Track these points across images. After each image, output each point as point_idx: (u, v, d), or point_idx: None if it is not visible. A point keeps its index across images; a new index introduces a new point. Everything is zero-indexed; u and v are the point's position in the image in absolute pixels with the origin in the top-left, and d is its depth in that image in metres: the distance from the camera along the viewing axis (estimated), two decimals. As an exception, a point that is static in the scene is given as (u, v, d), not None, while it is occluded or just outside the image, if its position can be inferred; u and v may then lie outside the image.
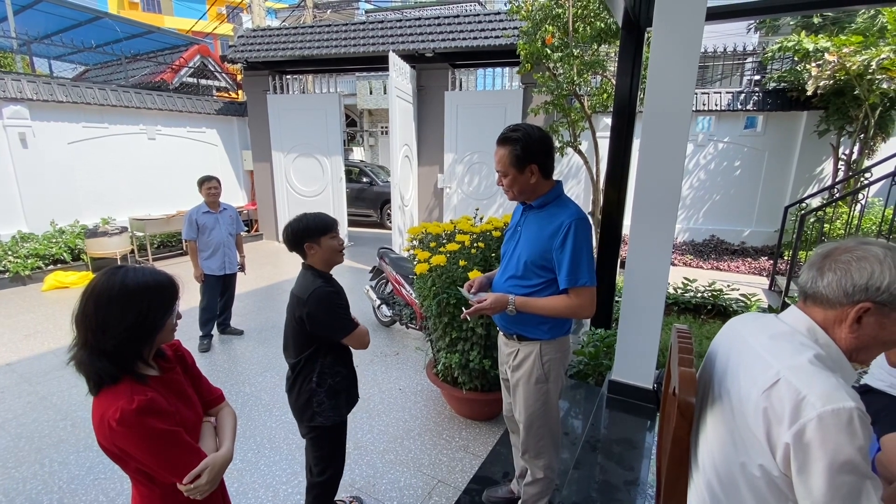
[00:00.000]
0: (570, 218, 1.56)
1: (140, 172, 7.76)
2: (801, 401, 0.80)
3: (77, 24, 8.22)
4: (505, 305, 1.62)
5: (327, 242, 1.76)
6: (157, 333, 1.08)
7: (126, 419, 0.96)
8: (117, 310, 1.01)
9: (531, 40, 5.07)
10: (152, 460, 1.02)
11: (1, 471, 2.51)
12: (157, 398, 1.03)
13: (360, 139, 18.59)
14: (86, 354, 1.01)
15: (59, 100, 6.58)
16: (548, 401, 1.74)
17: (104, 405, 1.00)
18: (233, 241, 4.22)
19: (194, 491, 1.06)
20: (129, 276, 1.04)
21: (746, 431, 0.88)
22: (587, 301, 1.57)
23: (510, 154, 1.59)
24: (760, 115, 7.07)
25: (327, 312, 1.72)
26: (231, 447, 1.20)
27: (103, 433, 0.99)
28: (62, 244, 6.40)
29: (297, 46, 7.86)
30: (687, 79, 2.24)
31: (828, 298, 0.90)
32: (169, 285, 1.11)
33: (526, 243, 1.68)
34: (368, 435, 2.90)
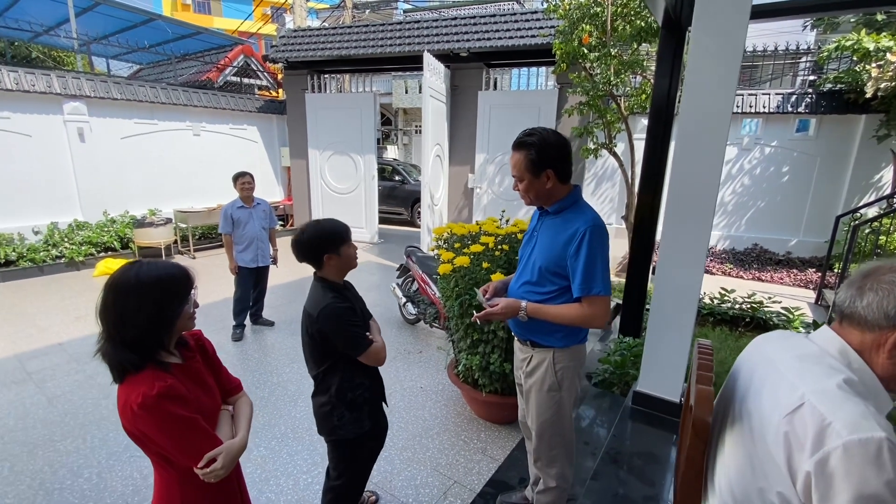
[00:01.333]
0: (585, 225, 1.52)
1: (185, 167, 8.14)
2: (826, 427, 0.75)
3: (132, 25, 8.72)
4: (517, 311, 1.60)
5: (346, 251, 1.71)
6: (175, 322, 1.13)
7: (147, 404, 1.02)
8: (134, 302, 1.06)
9: (567, 39, 4.97)
10: (170, 444, 1.08)
11: (48, 443, 2.70)
12: (177, 385, 1.08)
13: (395, 138, 18.79)
14: (110, 346, 1.07)
15: (114, 97, 6.99)
16: (560, 409, 1.71)
17: (128, 391, 1.05)
18: (266, 234, 4.34)
19: (209, 475, 1.11)
20: (144, 271, 1.10)
21: (766, 456, 0.83)
22: (601, 311, 1.54)
23: (526, 159, 1.56)
24: (813, 118, 6.67)
25: (337, 330, 1.65)
26: (246, 435, 1.25)
27: (127, 417, 1.05)
28: (113, 233, 6.81)
29: (334, 46, 8.03)
30: (728, 81, 2.14)
31: (866, 320, 0.84)
32: (182, 277, 1.15)
33: (541, 249, 1.65)
34: (388, 431, 2.93)
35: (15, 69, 6.11)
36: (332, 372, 1.73)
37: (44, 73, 6.38)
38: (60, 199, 6.70)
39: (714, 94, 2.15)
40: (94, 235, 6.61)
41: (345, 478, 1.86)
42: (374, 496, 2.34)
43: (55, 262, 6.14)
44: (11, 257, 5.81)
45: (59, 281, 5.85)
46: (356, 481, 1.91)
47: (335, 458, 1.86)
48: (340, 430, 1.76)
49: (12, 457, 2.58)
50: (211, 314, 4.87)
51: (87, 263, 6.37)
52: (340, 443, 1.81)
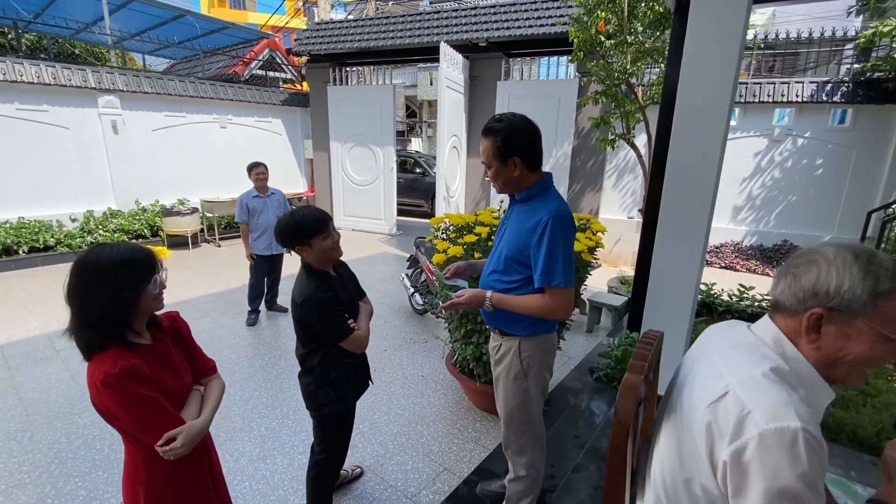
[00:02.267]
0: (548, 215, 1.50)
1: (212, 158, 8.43)
2: (746, 417, 0.73)
3: (163, 21, 9.07)
4: (482, 302, 1.61)
5: (319, 244, 1.70)
6: (137, 304, 1.16)
7: (108, 381, 1.07)
8: (94, 284, 1.10)
9: (584, 27, 4.85)
10: (131, 421, 1.13)
11: (67, 416, 2.89)
12: (139, 365, 1.12)
13: (419, 130, 18.83)
14: (75, 325, 1.12)
15: (145, 91, 7.30)
16: (527, 398, 1.72)
17: (93, 368, 1.11)
18: None
19: (168, 453, 1.15)
20: (105, 253, 1.13)
21: (692, 446, 0.81)
22: (562, 302, 1.52)
23: (493, 146, 1.54)
24: (850, 107, 6.27)
25: (320, 319, 1.69)
26: (209, 416, 1.29)
27: (92, 392, 1.11)
28: (144, 221, 7.15)
29: (355, 39, 8.10)
30: (727, 69, 2.05)
31: (785, 306, 0.82)
32: (143, 259, 1.18)
33: (508, 238, 1.64)
34: (385, 416, 2.99)
35: (52, 64, 6.47)
36: (315, 353, 1.79)
37: (79, 69, 6.72)
38: (95, 188, 7.07)
39: (712, 83, 2.07)
40: (126, 223, 6.95)
41: (328, 453, 1.94)
42: (358, 469, 2.43)
43: (90, 247, 6.51)
44: (50, 243, 6.19)
45: (93, 266, 6.19)
46: (340, 455, 2.00)
47: (320, 434, 1.94)
48: (326, 407, 1.84)
49: (33, 427, 2.77)
50: (230, 299, 5.06)
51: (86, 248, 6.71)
52: (326, 419, 1.89)
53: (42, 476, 2.38)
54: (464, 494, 2.18)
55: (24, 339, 3.95)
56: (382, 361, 3.72)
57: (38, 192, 6.51)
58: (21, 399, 3.06)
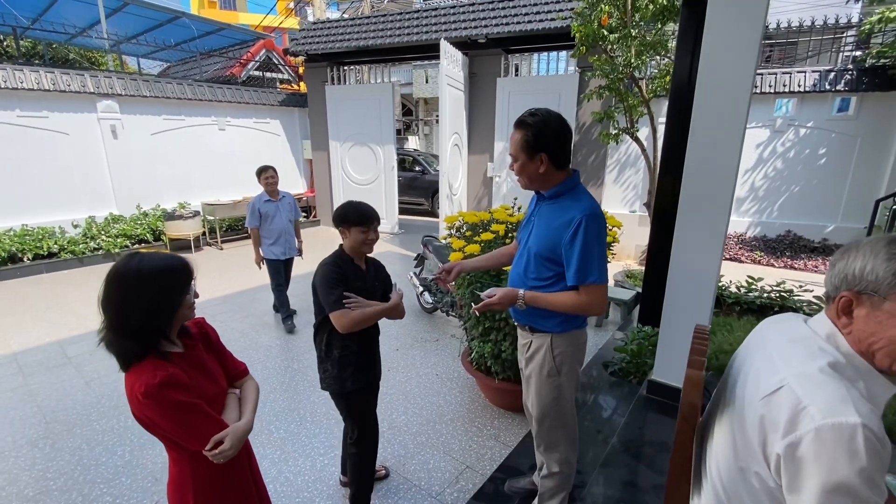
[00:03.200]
0: (581, 213, 1.50)
1: (211, 161, 8.39)
2: (801, 411, 0.73)
3: (159, 24, 8.99)
4: (515, 300, 1.60)
5: (356, 234, 1.88)
6: (176, 312, 1.17)
7: (150, 392, 1.06)
8: (135, 293, 1.10)
9: (586, 21, 4.84)
10: (176, 429, 1.13)
11: (86, 423, 2.88)
12: (178, 373, 1.12)
13: (416, 128, 18.78)
14: (113, 335, 1.10)
15: (143, 94, 7.24)
16: (560, 395, 1.72)
17: (132, 380, 1.10)
18: (292, 227, 4.39)
19: (218, 456, 1.16)
20: (145, 262, 1.13)
21: (746, 438, 0.82)
22: (597, 299, 1.53)
23: (522, 139, 1.55)
24: (854, 96, 6.28)
25: (320, 285, 1.84)
26: (251, 417, 1.30)
27: (133, 404, 1.11)
28: (146, 226, 7.11)
29: (353, 38, 8.06)
30: (747, 59, 2.05)
31: (828, 296, 0.83)
32: (181, 268, 1.18)
33: (537, 236, 1.65)
34: (403, 416, 2.99)
35: (51, 70, 6.41)
36: (323, 326, 1.93)
37: (78, 74, 6.66)
38: (96, 193, 7.03)
39: (732, 72, 2.07)
40: (128, 228, 6.92)
41: (355, 434, 2.04)
42: (383, 470, 2.43)
43: (94, 253, 6.48)
44: (54, 249, 6.15)
45: (98, 272, 6.16)
46: (367, 437, 2.08)
47: (341, 412, 2.07)
48: (324, 382, 1.98)
49: (54, 434, 2.76)
50: (237, 302, 5.05)
51: (121, 256, 6.68)
52: (336, 398, 2.02)
53: (67, 483, 2.37)
54: (490, 492, 2.19)
55: (35, 346, 3.93)
56: (395, 361, 3.72)
57: (40, 199, 6.47)
58: (39, 407, 3.05)
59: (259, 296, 5.27)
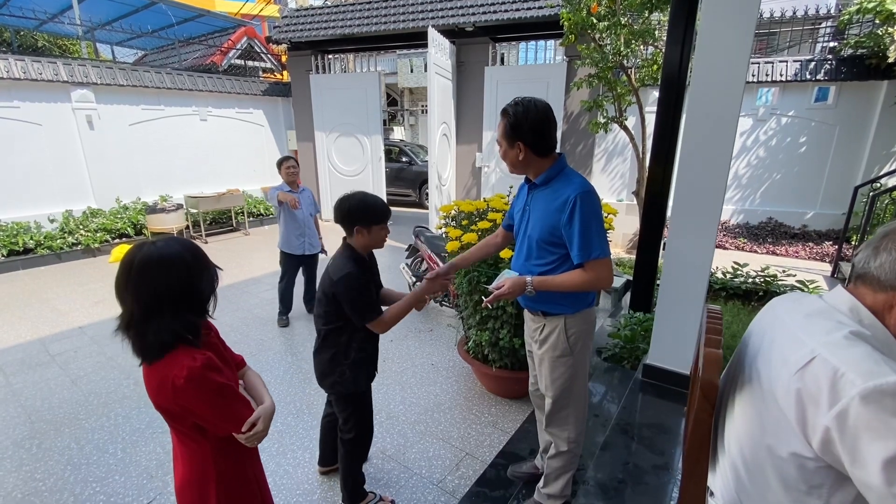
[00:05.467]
0: (575, 192, 1.54)
1: (193, 152, 8.17)
2: (840, 379, 0.73)
3: (134, 10, 8.65)
4: (524, 288, 1.62)
5: (377, 231, 1.80)
6: (212, 291, 1.16)
7: (194, 375, 1.04)
8: (163, 277, 1.06)
9: (575, 9, 4.82)
10: (214, 413, 1.11)
11: (74, 421, 2.81)
12: (213, 357, 1.12)
13: (401, 118, 18.60)
14: (144, 324, 1.06)
15: (120, 83, 7.00)
16: (574, 374, 1.75)
17: (164, 368, 1.05)
18: (312, 221, 4.21)
19: (252, 438, 1.16)
20: (162, 247, 1.09)
21: (777, 414, 0.82)
22: (604, 272, 1.57)
23: (504, 126, 1.61)
24: (832, 85, 6.43)
25: (352, 298, 1.76)
26: (272, 400, 1.30)
27: (165, 394, 1.05)
28: (126, 219, 6.91)
29: (338, 25, 7.90)
30: (741, 47, 2.06)
31: (879, 280, 0.82)
32: (197, 249, 1.16)
33: (534, 222, 1.68)
34: (401, 406, 2.99)
35: (22, 58, 6.13)
36: (339, 332, 1.86)
37: (50, 62, 6.39)
38: (73, 186, 6.80)
39: (727, 61, 2.08)
40: (108, 222, 6.71)
41: (354, 431, 2.02)
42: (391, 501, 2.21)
43: (72, 249, 6.27)
44: (30, 245, 5.94)
45: (77, 267, 5.99)
46: (365, 432, 2.08)
47: (343, 412, 2.02)
48: (340, 385, 1.92)
49: (40, 434, 2.68)
50: (225, 296, 4.96)
51: (103, 250, 6.50)
52: (344, 398, 1.98)
53: (57, 483, 2.31)
54: (492, 477, 2.21)
55: (16, 345, 3.80)
56: (391, 352, 3.71)
57: (13, 193, 6.22)
58: (23, 407, 2.95)
59: (248, 289, 5.19)
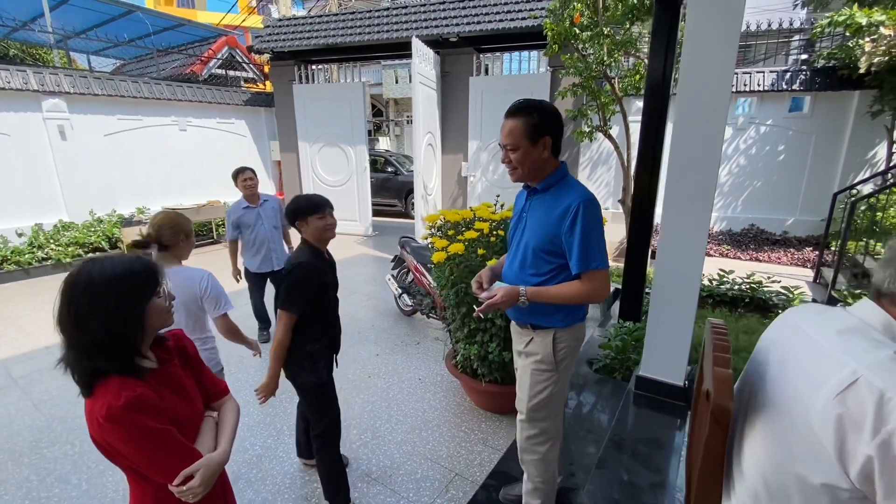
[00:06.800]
0: (577, 200, 1.47)
1: (172, 163, 7.98)
2: (887, 403, 0.67)
3: (111, 18, 8.47)
4: (517, 298, 1.53)
5: (314, 222, 1.93)
6: (142, 321, 1.02)
7: (113, 415, 0.92)
8: (86, 304, 0.96)
9: (559, 20, 4.85)
10: (140, 458, 0.99)
11: (35, 450, 2.62)
12: (147, 393, 0.98)
13: (386, 129, 18.58)
14: (72, 355, 0.97)
15: (95, 93, 6.80)
16: (553, 392, 1.66)
17: (93, 400, 0.96)
18: (278, 234, 3.92)
19: (186, 493, 1.01)
20: (96, 269, 0.99)
21: (811, 440, 0.75)
22: (601, 284, 1.50)
23: (526, 124, 1.49)
24: (808, 95, 6.59)
25: (291, 287, 1.86)
26: (228, 447, 1.15)
27: (93, 428, 0.96)
28: (100, 233, 6.66)
29: (321, 35, 7.85)
30: (726, 56, 2.05)
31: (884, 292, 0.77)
32: (140, 270, 1.04)
33: (533, 229, 1.59)
34: (387, 424, 2.87)
35: (-11, 66, 5.92)
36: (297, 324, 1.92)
37: (19, 69, 6.18)
38: (43, 199, 6.54)
39: (713, 70, 2.07)
40: (80, 236, 6.46)
41: (321, 425, 2.07)
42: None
43: (41, 264, 6.00)
44: (-5, 260, 5.67)
45: (47, 283, 5.72)
46: (332, 424, 2.10)
47: (308, 406, 2.08)
48: (298, 376, 2.00)
49: (-3, 465, 2.49)
50: (203, 312, 4.77)
51: (75, 265, 6.23)
52: (305, 389, 2.04)
53: (13, 521, 2.13)
54: (483, 500, 2.11)
55: (-26, 367, 3.58)
56: (376, 367, 3.59)
57: (-22, 206, 5.95)
58: (-22, 435, 2.75)
59: (227, 304, 5.02)
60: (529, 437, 1.73)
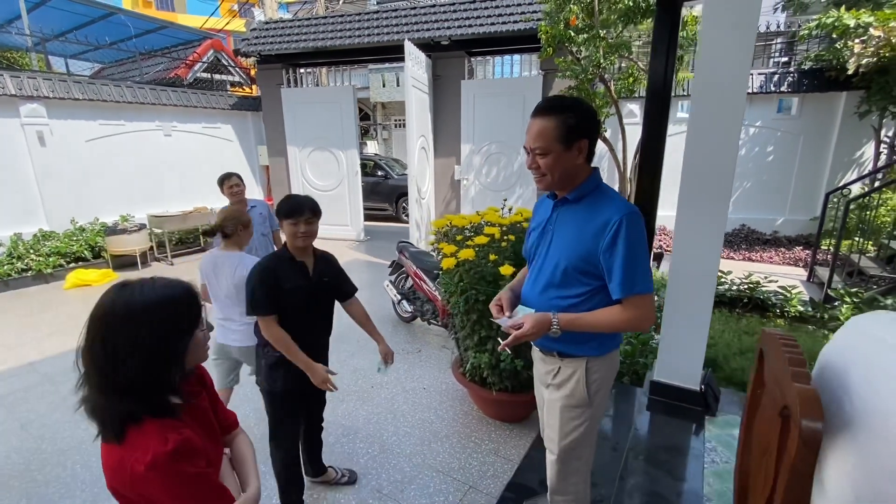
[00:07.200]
0: (619, 213, 1.27)
1: (157, 169, 7.76)
2: None
3: (91, 20, 8.21)
4: (548, 327, 1.32)
5: (287, 227, 1.86)
6: (184, 356, 0.91)
7: (160, 464, 0.81)
8: (124, 337, 0.84)
9: (554, 22, 4.84)
10: None
11: (24, 473, 2.47)
12: (192, 437, 0.89)
13: (374, 133, 18.46)
14: (101, 396, 0.85)
15: (75, 97, 6.57)
16: (588, 429, 1.48)
17: (129, 449, 0.84)
18: (268, 241, 3.76)
19: None
20: (136, 294, 0.87)
21: None
22: (646, 311, 1.31)
23: (559, 126, 1.28)
24: (795, 97, 6.71)
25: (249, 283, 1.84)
26: (259, 484, 1.06)
27: (121, 479, 0.84)
28: (83, 242, 6.42)
29: (310, 38, 7.73)
30: (742, 56, 2.04)
31: None
32: (184, 298, 0.93)
33: (563, 245, 1.39)
34: (394, 437, 2.78)
35: (-37, 70, 5.67)
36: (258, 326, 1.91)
37: (-4, 74, 5.94)
38: (22, 208, 6.28)
39: (729, 71, 2.06)
40: (62, 245, 6.22)
41: (278, 437, 2.03)
42: (344, 477, 2.38)
43: (21, 275, 5.76)
44: (-28, 272, 5.42)
45: (27, 295, 5.49)
46: (283, 434, 2.03)
47: (267, 413, 2.04)
48: (258, 376, 1.99)
49: (-18, 493, 2.34)
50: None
51: (57, 275, 6.00)
52: (265, 396, 2.00)
53: (2, 554, 1.99)
54: (503, 515, 2.04)
55: (-47, 387, 3.39)
56: (378, 377, 3.49)
57: (-48, 216, 5.69)
58: (-39, 461, 2.58)
59: (220, 313, 4.86)
60: (564, 477, 1.56)
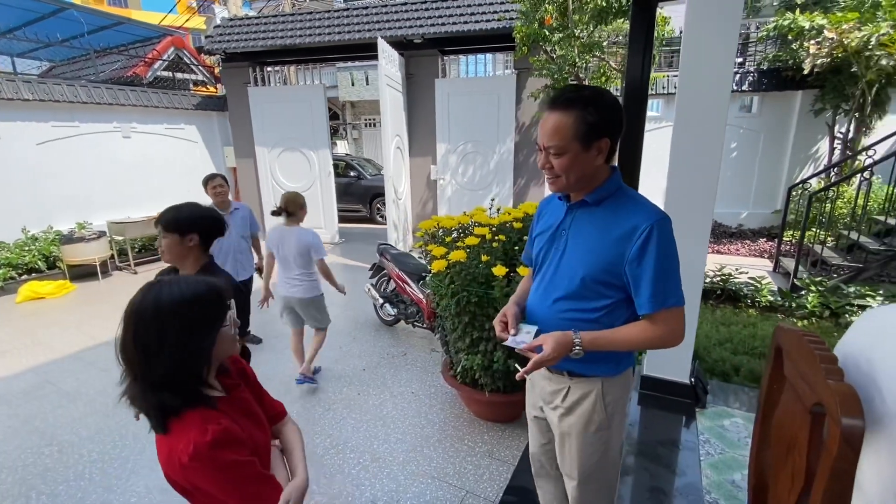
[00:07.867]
0: (648, 220, 1.13)
1: (116, 173, 7.36)
2: None
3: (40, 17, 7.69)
4: (570, 348, 1.16)
5: None
6: (211, 350, 0.96)
7: (200, 453, 0.87)
8: (154, 333, 0.90)
9: (529, 21, 4.86)
10: (226, 495, 0.92)
11: None
12: (231, 426, 0.94)
13: (344, 132, 18.16)
14: (138, 388, 0.91)
15: (24, 98, 6.14)
16: (608, 451, 1.35)
17: (172, 439, 0.90)
18: (246, 244, 3.79)
19: None
20: (164, 293, 0.93)
21: None
22: (678, 326, 1.18)
23: (577, 123, 1.12)
24: (756, 95, 7.01)
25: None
26: (306, 472, 1.09)
27: (173, 469, 0.90)
28: (35, 252, 6.01)
29: (278, 36, 7.51)
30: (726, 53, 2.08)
31: None
32: (210, 293, 0.97)
33: (582, 253, 1.24)
34: (385, 445, 2.71)
35: None
36: None
37: (-68, 72, 5.47)
38: (-33, 217, 5.83)
39: (713, 68, 2.10)
40: (12, 256, 5.80)
41: None
42: None
43: (-33, 289, 5.34)
44: None
45: (-26, 311, 5.08)
46: None
47: None
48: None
49: None
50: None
51: (8, 289, 5.58)
52: None
53: None
54: (505, 519, 2.01)
55: None
56: (365, 383, 3.41)
57: None
58: None
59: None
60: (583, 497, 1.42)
